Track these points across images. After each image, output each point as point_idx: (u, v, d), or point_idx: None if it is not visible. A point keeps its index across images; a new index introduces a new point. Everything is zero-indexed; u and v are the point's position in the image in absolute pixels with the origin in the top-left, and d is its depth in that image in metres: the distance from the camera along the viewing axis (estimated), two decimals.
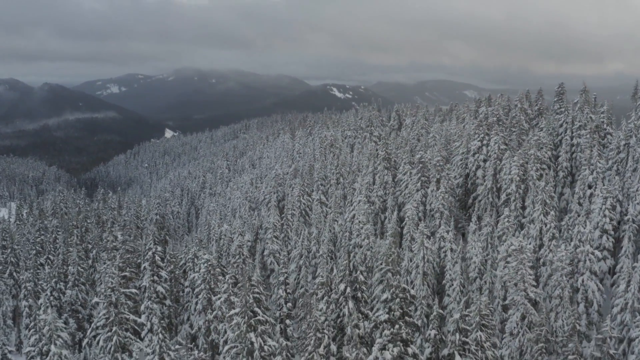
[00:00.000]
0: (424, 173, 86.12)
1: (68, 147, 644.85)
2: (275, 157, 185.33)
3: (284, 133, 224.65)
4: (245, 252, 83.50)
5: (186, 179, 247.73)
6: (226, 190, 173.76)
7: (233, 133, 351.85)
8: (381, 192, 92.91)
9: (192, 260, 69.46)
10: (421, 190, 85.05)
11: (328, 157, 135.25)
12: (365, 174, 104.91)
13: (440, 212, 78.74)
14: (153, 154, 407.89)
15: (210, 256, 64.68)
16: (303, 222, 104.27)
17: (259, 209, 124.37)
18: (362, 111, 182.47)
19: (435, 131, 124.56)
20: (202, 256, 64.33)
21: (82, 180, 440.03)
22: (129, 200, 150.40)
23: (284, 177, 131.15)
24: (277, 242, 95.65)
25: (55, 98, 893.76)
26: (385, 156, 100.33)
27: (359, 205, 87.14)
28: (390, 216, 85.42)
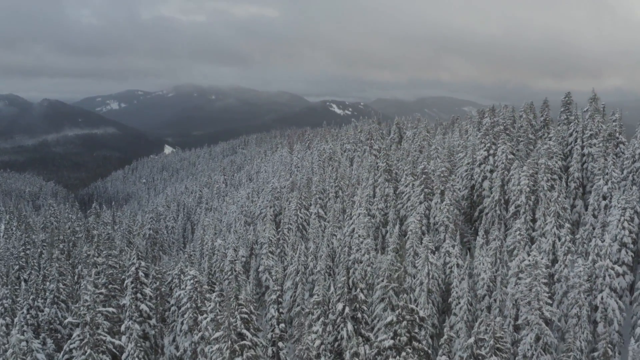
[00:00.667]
0: (427, 185, 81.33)
1: (67, 162, 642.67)
2: (273, 171, 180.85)
3: (282, 147, 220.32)
4: (238, 268, 78.83)
5: (183, 194, 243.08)
6: (222, 204, 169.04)
7: (232, 149, 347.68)
8: (382, 204, 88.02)
9: (179, 277, 64.52)
10: (424, 203, 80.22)
11: (327, 170, 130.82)
12: (365, 187, 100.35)
13: (445, 226, 73.96)
14: (151, 170, 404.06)
15: (196, 272, 59.67)
16: (300, 237, 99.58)
17: (254, 224, 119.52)
18: (361, 124, 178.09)
19: (438, 143, 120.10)
20: (188, 272, 59.33)
21: (80, 195, 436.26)
22: (122, 215, 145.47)
23: (281, 190, 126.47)
24: (273, 257, 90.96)
25: (55, 114, 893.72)
26: (386, 168, 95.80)
27: (358, 218, 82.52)
28: (392, 230, 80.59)
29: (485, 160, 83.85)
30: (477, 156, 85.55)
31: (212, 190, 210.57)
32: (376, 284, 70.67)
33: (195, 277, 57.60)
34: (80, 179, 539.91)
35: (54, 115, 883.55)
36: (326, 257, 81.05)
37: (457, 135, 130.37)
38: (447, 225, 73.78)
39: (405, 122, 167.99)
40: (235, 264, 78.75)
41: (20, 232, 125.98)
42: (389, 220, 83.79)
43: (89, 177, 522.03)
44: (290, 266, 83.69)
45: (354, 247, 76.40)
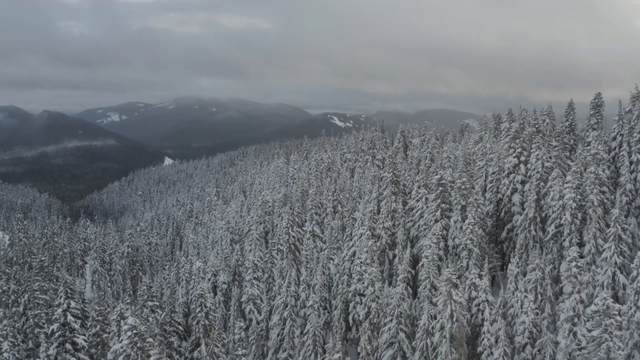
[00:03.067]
0: (444, 199, 66.51)
1: (65, 174, 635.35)
2: (267, 183, 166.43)
3: (277, 157, 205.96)
4: (209, 304, 63.89)
5: (174, 207, 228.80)
6: (211, 220, 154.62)
7: (230, 160, 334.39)
8: (389, 222, 72.64)
9: (118, 323, 49.79)
10: (441, 221, 65.33)
11: (325, 182, 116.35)
12: (368, 201, 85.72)
13: (469, 250, 59.15)
14: (147, 182, 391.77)
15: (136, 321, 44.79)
16: (292, 260, 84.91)
17: (242, 242, 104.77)
18: (363, 133, 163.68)
19: (450, 151, 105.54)
20: (127, 320, 44.56)
21: (75, 208, 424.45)
22: (98, 231, 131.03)
23: (273, 204, 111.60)
24: (259, 285, 76.34)
25: (55, 125, 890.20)
26: (393, 179, 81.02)
27: (360, 240, 67.95)
28: (401, 254, 65.86)
29: (515, 169, 69.18)
30: (505, 164, 70.70)
31: (203, 203, 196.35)
32: (382, 324, 56.13)
33: (134, 327, 42.90)
34: (78, 191, 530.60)
35: (53, 127, 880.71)
36: (321, 286, 66.58)
37: (471, 142, 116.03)
38: (470, 250, 59.02)
39: (411, 129, 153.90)
40: (205, 298, 63.74)
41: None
42: (397, 242, 68.48)
43: (86, 189, 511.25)
44: (278, 297, 69.07)
45: (354, 275, 61.89)
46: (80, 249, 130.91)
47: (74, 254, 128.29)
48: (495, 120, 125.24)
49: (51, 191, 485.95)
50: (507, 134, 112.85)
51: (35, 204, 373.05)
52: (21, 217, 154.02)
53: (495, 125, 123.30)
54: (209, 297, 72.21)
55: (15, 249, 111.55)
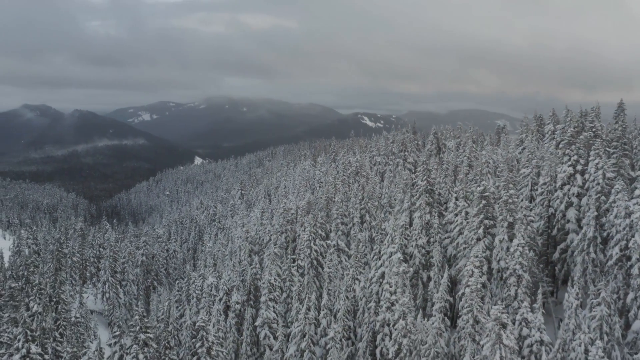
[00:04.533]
0: (487, 214, 57.41)
1: (95, 173, 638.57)
2: (293, 186, 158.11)
3: (304, 159, 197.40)
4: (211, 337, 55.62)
5: (197, 209, 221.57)
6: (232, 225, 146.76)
7: (258, 160, 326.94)
8: (423, 239, 63.47)
9: None
10: (484, 240, 56.33)
11: (352, 188, 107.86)
12: (399, 211, 76.93)
13: (518, 277, 50.06)
14: (175, 182, 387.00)
15: None
16: (314, 276, 76.38)
17: (262, 253, 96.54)
18: (394, 134, 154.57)
19: (488, 155, 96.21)
20: None
21: (103, 207, 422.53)
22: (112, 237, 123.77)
23: (296, 212, 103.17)
24: (276, 307, 68.02)
25: (86, 124, 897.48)
26: (427, 187, 72.11)
27: (390, 260, 59.30)
28: (438, 278, 57.14)
29: (571, 180, 59.81)
30: (558, 174, 61.28)
31: (226, 207, 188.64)
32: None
33: None
34: (107, 190, 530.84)
35: (84, 126, 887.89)
36: (345, 313, 58.03)
37: (511, 146, 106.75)
38: (519, 276, 49.95)
39: (444, 131, 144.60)
40: (208, 331, 55.52)
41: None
42: (433, 263, 59.67)
43: (115, 189, 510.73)
44: (296, 324, 60.69)
45: (383, 303, 53.24)
46: (95, 256, 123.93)
47: (86, 261, 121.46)
48: (537, 122, 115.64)
49: (79, 190, 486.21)
50: (552, 136, 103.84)
51: (61, 204, 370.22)
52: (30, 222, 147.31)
53: (537, 127, 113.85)
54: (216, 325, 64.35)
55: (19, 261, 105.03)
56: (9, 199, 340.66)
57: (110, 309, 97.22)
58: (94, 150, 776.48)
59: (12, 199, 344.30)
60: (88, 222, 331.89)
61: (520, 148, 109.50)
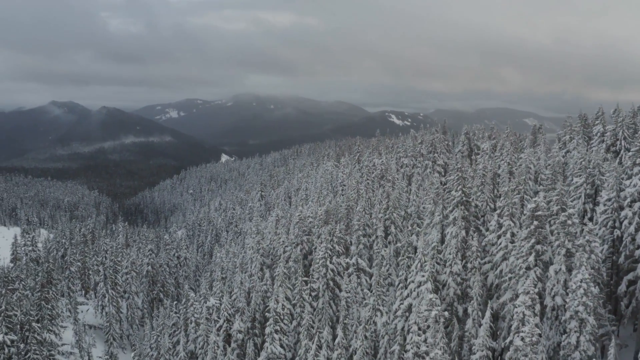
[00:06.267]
0: (539, 237, 46.37)
1: (121, 170, 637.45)
2: (314, 189, 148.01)
3: (327, 159, 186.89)
4: None
5: (216, 211, 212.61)
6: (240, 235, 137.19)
7: (283, 159, 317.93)
8: (458, 265, 52.03)
9: None
10: (536, 270, 45.40)
11: (376, 194, 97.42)
12: (429, 225, 66.40)
13: (580, 321, 39.39)
14: (199, 180, 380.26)
15: None
16: (330, 300, 66.07)
17: (274, 267, 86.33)
18: (422, 134, 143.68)
19: (528, 159, 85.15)
20: None
21: (127, 205, 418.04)
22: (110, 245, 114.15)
23: (314, 220, 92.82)
24: (283, 339, 57.92)
25: (113, 121, 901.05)
26: (463, 199, 61.39)
27: (419, 290, 48.82)
28: (476, 315, 46.53)
29: None
30: (627, 188, 49.89)
31: (244, 210, 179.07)
32: None
33: None
34: (132, 188, 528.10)
35: (111, 123, 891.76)
36: (362, 355, 47.72)
37: (554, 149, 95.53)
38: (583, 320, 39.31)
39: (476, 131, 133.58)
40: None
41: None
42: (471, 296, 48.80)
43: (141, 186, 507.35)
44: None
45: (410, 348, 42.82)
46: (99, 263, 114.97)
47: (89, 270, 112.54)
48: (581, 122, 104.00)
49: (104, 188, 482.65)
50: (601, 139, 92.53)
51: (82, 202, 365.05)
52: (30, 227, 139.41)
53: (581, 127, 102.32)
54: None
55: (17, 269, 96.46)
56: (29, 197, 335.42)
57: (107, 326, 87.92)
58: (121, 147, 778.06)
59: (32, 197, 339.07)
60: (110, 220, 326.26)
61: (563, 151, 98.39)
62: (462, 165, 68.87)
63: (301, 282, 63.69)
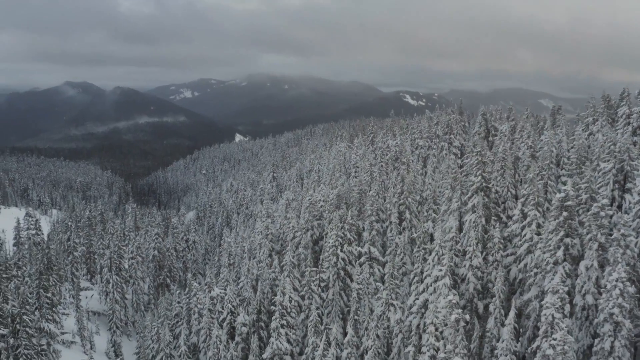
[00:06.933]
0: (569, 229, 42.24)
1: (134, 150, 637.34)
2: (327, 170, 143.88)
3: (341, 140, 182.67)
4: None
5: (227, 192, 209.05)
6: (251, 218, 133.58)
7: (297, 139, 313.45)
8: (479, 258, 48.09)
9: None
10: (564, 265, 41.47)
11: (390, 177, 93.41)
12: (446, 213, 62.59)
13: (615, 324, 35.60)
14: (212, 160, 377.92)
15: None
16: (341, 291, 62.46)
17: (284, 253, 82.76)
18: (438, 115, 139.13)
19: (550, 142, 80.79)
20: None
21: (140, 186, 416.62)
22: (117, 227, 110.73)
23: (325, 204, 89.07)
24: (290, 334, 54.41)
25: (127, 101, 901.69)
26: (483, 185, 57.40)
27: (436, 285, 45.04)
28: (499, 314, 42.69)
29: None
30: None
31: (255, 191, 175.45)
32: None
33: None
34: (146, 168, 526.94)
35: (125, 103, 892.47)
36: (374, 355, 44.12)
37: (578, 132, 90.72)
38: (618, 324, 35.48)
39: (493, 112, 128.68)
40: None
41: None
42: (493, 293, 44.96)
43: (155, 166, 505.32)
44: None
45: (426, 350, 39.15)
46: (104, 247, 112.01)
47: (94, 254, 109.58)
48: (605, 103, 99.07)
49: (117, 168, 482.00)
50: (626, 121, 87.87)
51: (95, 182, 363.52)
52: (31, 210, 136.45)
53: (604, 107, 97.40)
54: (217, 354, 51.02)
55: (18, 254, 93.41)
56: (41, 178, 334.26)
57: (110, 314, 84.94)
58: (135, 127, 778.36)
59: (45, 177, 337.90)
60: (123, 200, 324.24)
61: (585, 134, 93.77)
62: (482, 148, 64.71)
63: (310, 273, 59.97)
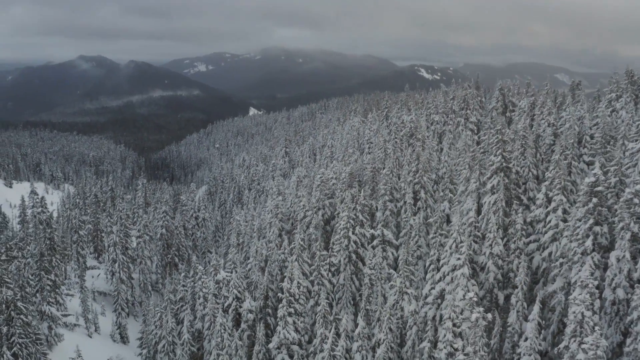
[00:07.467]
0: (599, 217, 38.79)
1: (149, 124, 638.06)
2: (340, 146, 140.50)
3: (354, 114, 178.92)
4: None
5: (240, 167, 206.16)
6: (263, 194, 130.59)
7: (311, 113, 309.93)
8: (499, 246, 44.79)
9: None
10: (594, 255, 38.11)
11: (405, 154, 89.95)
12: (463, 194, 59.41)
13: None
14: (226, 134, 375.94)
15: None
16: (352, 275, 59.55)
17: (294, 234, 79.88)
18: (454, 89, 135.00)
19: (572, 119, 76.78)
20: None
21: (153, 160, 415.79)
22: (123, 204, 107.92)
23: (337, 182, 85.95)
24: (298, 322, 51.68)
25: (141, 75, 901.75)
26: (503, 165, 54.06)
27: (453, 274, 41.96)
28: (521, 307, 39.56)
29: None
30: None
31: (267, 167, 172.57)
32: None
33: None
34: (160, 142, 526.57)
35: (139, 77, 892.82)
36: (387, 350, 41.29)
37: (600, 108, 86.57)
38: None
39: (510, 87, 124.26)
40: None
41: None
42: (516, 284, 41.71)
43: (168, 139, 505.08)
44: (319, 355, 44.28)
45: (442, 347, 36.24)
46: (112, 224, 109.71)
47: (101, 232, 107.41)
48: (628, 79, 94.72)
49: (131, 142, 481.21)
50: None
51: (108, 156, 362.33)
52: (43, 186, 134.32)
53: (627, 84, 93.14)
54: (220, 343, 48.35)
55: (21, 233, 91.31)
56: (53, 152, 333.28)
57: (115, 295, 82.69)
58: (149, 101, 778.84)
59: (57, 152, 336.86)
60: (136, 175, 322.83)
61: (608, 110, 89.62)
62: (502, 126, 61.19)
63: (320, 257, 57.05)
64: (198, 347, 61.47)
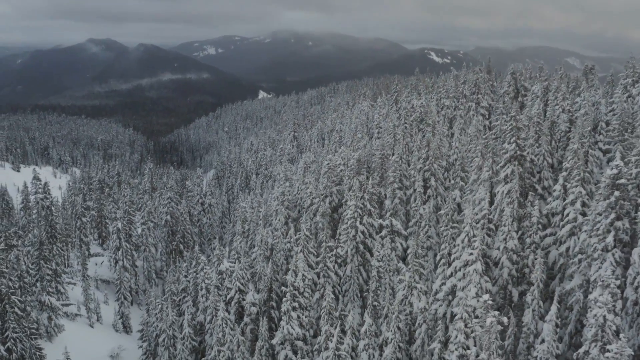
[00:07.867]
0: (621, 211, 36.50)
1: (158, 107, 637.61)
2: (349, 130, 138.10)
3: (364, 98, 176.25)
4: None
5: (248, 151, 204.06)
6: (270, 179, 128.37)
7: (320, 96, 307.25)
8: (514, 240, 42.16)
9: None
10: (614, 252, 35.83)
11: (415, 139, 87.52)
12: (475, 183, 57.10)
13: None
14: (235, 118, 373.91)
15: None
16: (359, 266, 57.49)
17: (300, 222, 77.82)
18: (464, 73, 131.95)
19: (587, 105, 73.98)
20: None
21: (162, 143, 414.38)
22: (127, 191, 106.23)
23: (345, 168, 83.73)
24: (303, 316, 49.65)
25: (150, 58, 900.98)
26: (517, 153, 51.67)
27: (465, 270, 39.76)
28: (537, 306, 37.37)
29: None
30: None
31: (275, 152, 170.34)
32: None
33: None
34: (169, 125, 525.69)
35: (149, 60, 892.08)
36: (395, 349, 39.29)
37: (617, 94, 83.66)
38: None
39: (522, 71, 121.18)
40: None
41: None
42: (532, 282, 39.39)
43: (178, 123, 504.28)
44: (324, 354, 42.33)
45: (454, 348, 34.22)
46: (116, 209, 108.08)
47: (105, 218, 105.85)
48: None
49: (140, 125, 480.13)
50: None
51: (116, 140, 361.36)
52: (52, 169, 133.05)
53: None
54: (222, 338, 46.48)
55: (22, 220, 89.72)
56: (62, 136, 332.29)
57: (118, 283, 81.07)
58: (158, 84, 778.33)
59: (65, 135, 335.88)
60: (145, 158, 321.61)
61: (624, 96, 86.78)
62: (516, 113, 58.73)
63: (326, 248, 54.97)
64: (200, 341, 59.76)
